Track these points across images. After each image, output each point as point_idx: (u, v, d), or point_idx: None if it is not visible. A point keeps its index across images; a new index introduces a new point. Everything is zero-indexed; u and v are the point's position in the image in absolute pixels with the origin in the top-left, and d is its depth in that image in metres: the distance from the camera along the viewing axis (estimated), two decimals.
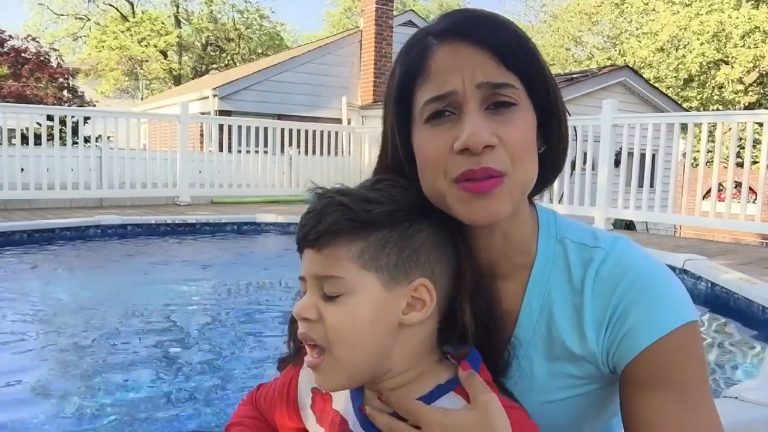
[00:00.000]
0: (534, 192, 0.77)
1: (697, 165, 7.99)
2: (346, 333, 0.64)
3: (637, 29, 27.28)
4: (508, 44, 0.68)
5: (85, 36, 30.38)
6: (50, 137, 7.48)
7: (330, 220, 0.64)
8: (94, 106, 16.48)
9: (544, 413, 0.73)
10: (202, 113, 11.68)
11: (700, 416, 0.69)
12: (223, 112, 11.41)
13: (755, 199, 6.06)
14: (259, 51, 31.17)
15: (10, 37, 15.10)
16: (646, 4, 26.37)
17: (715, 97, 24.95)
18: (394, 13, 12.47)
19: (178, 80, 29.06)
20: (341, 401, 0.72)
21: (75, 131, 8.37)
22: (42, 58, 15.12)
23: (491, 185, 0.67)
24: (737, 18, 23.12)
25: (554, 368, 0.75)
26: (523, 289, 0.76)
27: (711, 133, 6.73)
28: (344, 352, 0.64)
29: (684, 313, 0.70)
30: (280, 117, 10.91)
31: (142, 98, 25.46)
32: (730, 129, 5.71)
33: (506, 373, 0.74)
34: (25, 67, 14.46)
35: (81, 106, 14.66)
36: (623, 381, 0.72)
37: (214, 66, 29.89)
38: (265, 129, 8.80)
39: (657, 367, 0.69)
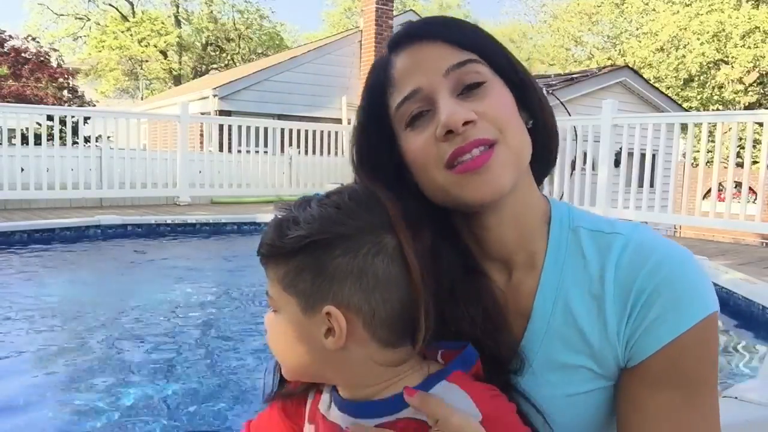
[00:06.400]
0: (542, 171, 0.78)
1: (697, 165, 7.99)
2: (275, 346, 0.70)
3: (637, 29, 27.28)
4: (459, 30, 0.71)
5: (85, 36, 30.39)
6: (50, 137, 7.48)
7: (262, 241, 0.69)
8: (94, 106, 16.49)
9: (565, 406, 0.71)
10: (202, 113, 11.68)
11: (698, 415, 0.67)
12: (223, 112, 11.41)
13: (755, 199, 6.07)
14: (259, 51, 31.16)
15: (10, 37, 15.10)
16: (646, 4, 26.36)
17: (715, 97, 24.94)
18: (394, 13, 12.46)
19: (178, 80, 29.06)
20: (325, 402, 0.73)
21: (75, 131, 8.37)
22: (42, 59, 15.13)
23: (484, 158, 0.67)
24: (737, 18, 23.11)
25: (572, 360, 0.72)
26: (538, 281, 0.75)
27: (711, 133, 6.73)
28: (279, 359, 0.72)
29: (707, 303, 0.68)
30: (280, 117, 10.91)
31: (142, 98, 25.46)
32: (730, 129, 5.71)
33: (522, 369, 0.72)
34: (25, 67, 14.46)
35: (81, 106, 14.67)
36: (631, 374, 0.70)
37: (214, 66, 29.88)
38: (265, 129, 8.81)
39: (674, 361, 0.67)
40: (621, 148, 6.07)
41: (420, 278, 0.65)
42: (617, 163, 6.28)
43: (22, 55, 14.76)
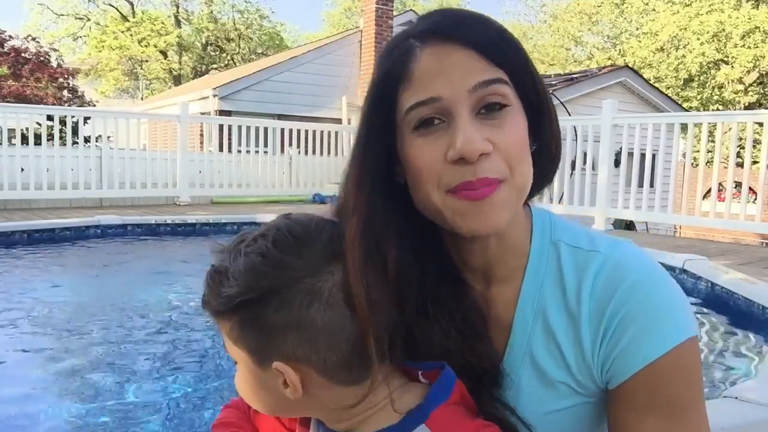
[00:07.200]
0: (532, 193, 0.73)
1: (697, 165, 7.99)
2: (243, 394, 0.70)
3: (637, 29, 27.30)
4: (492, 40, 0.66)
5: (85, 36, 30.38)
6: (50, 137, 7.48)
7: (202, 298, 0.68)
8: (94, 106, 16.49)
9: (547, 423, 0.71)
10: (202, 113, 11.68)
11: None
12: (223, 112, 11.41)
13: (755, 199, 6.06)
14: (259, 51, 31.15)
15: (11, 37, 15.12)
16: (646, 4, 26.37)
17: (715, 97, 24.95)
18: (394, 13, 12.46)
19: (178, 80, 29.06)
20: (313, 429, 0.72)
21: (75, 131, 8.37)
22: (42, 58, 15.15)
23: (489, 191, 0.64)
24: (737, 18, 23.12)
25: (554, 375, 0.71)
26: (517, 294, 0.73)
27: (711, 133, 6.73)
28: (252, 405, 0.71)
29: (684, 329, 0.66)
30: (280, 117, 10.91)
31: (142, 98, 25.45)
32: (730, 129, 5.71)
33: (503, 384, 0.71)
34: (25, 67, 14.48)
35: (81, 106, 14.67)
36: (614, 397, 0.69)
37: (214, 66, 29.88)
38: (265, 129, 8.81)
39: (652, 387, 0.66)
40: (621, 148, 6.07)
41: (366, 312, 0.61)
42: (617, 163, 6.28)
43: (22, 55, 14.79)
